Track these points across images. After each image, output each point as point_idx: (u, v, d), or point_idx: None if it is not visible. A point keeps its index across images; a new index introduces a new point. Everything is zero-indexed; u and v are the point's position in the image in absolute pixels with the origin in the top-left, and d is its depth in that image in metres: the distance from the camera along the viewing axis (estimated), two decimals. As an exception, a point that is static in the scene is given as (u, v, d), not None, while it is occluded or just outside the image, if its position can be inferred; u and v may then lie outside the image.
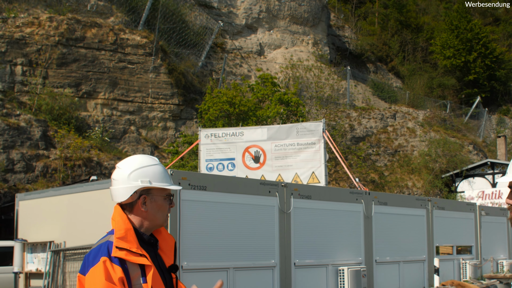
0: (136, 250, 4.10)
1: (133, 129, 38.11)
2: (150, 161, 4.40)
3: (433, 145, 46.55)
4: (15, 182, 29.47)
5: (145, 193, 4.31)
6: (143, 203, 4.30)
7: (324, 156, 27.20)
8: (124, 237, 4.15)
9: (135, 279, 4.07)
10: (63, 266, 17.55)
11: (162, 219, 4.34)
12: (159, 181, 4.31)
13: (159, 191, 4.32)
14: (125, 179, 4.36)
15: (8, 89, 33.91)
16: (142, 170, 4.33)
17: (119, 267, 4.04)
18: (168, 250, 4.52)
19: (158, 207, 4.31)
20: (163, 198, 4.33)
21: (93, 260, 4.09)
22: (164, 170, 4.42)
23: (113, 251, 4.09)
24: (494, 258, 28.41)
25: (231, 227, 17.39)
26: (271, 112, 36.52)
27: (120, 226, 4.22)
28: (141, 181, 4.30)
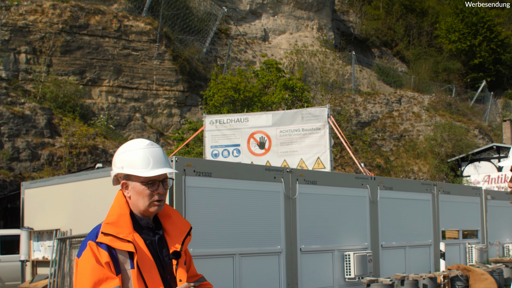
0: (124, 236, 4.09)
1: (138, 116, 38.09)
2: (133, 146, 4.37)
3: (439, 129, 46.44)
4: (21, 170, 29.50)
5: (126, 178, 4.30)
6: (125, 188, 4.30)
7: (329, 142, 27.16)
8: (115, 222, 4.16)
9: (123, 264, 4.08)
10: (69, 254, 17.58)
11: (143, 205, 4.27)
12: (133, 167, 4.25)
13: (135, 177, 4.28)
14: (112, 165, 4.39)
15: (13, 77, 33.91)
16: (121, 156, 4.32)
17: (106, 251, 4.06)
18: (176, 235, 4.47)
19: (137, 193, 4.27)
20: (140, 183, 4.27)
21: (85, 244, 4.12)
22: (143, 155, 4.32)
23: (99, 236, 4.11)
24: (500, 242, 28.41)
25: (236, 214, 17.39)
26: (276, 97, 36.46)
27: (114, 211, 4.24)
28: (116, 167, 4.31)
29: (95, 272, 3.95)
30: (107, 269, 3.98)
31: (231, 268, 17.09)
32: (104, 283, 3.93)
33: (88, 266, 3.99)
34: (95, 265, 3.98)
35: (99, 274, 3.95)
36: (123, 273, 4.07)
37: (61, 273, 17.45)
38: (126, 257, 4.11)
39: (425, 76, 58.08)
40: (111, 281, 3.96)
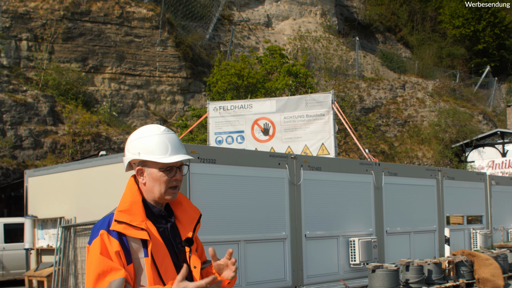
0: (137, 223, 4.04)
1: (141, 103, 38.03)
2: (149, 132, 4.30)
3: (443, 115, 46.37)
4: (24, 158, 29.46)
5: (141, 164, 4.25)
6: (140, 174, 4.25)
7: (333, 128, 27.10)
8: (128, 210, 4.10)
9: (135, 253, 4.03)
10: (74, 241, 17.55)
11: (160, 192, 4.22)
12: (151, 153, 4.20)
13: (153, 163, 4.23)
14: (125, 151, 4.34)
15: (14, 65, 33.85)
16: (136, 142, 4.26)
17: (116, 240, 4.00)
18: (187, 222, 4.45)
19: (154, 179, 4.21)
20: (157, 170, 4.23)
21: (96, 232, 4.08)
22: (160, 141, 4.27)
23: (112, 224, 4.05)
24: (505, 227, 28.39)
25: (241, 200, 17.36)
26: (279, 84, 36.38)
27: (126, 199, 4.18)
28: (132, 153, 4.25)
29: (99, 263, 3.90)
30: (116, 259, 3.93)
31: (236, 255, 17.07)
32: (108, 275, 3.89)
33: (93, 257, 3.96)
34: (99, 257, 3.93)
35: (103, 265, 3.90)
36: (136, 262, 4.03)
37: (66, 261, 17.43)
38: (139, 246, 4.06)
39: (429, 62, 57.94)
40: (115, 272, 3.91)
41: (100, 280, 3.87)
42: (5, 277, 23.28)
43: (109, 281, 3.86)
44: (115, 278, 3.86)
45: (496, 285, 18.92)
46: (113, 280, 3.86)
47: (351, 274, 20.05)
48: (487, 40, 63.14)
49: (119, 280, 3.87)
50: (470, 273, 19.68)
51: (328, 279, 19.20)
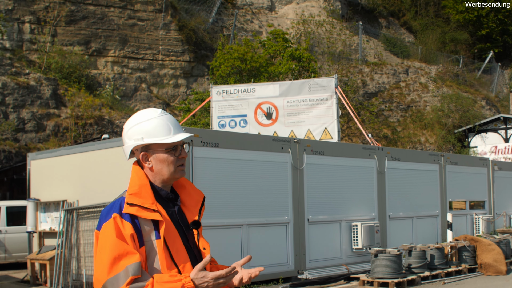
0: (149, 206, 4.03)
1: (144, 86, 37.99)
2: (146, 116, 4.28)
3: (446, 100, 46.30)
4: (26, 141, 29.45)
5: (144, 149, 4.23)
6: (145, 160, 4.23)
7: (336, 112, 27.05)
8: (138, 193, 4.09)
9: (147, 235, 4.01)
10: (76, 224, 17.56)
11: (170, 173, 4.23)
12: (153, 136, 4.19)
13: (157, 145, 4.22)
14: (124, 139, 4.32)
15: (17, 48, 33.78)
16: (136, 128, 4.24)
17: (129, 223, 3.98)
18: (192, 206, 4.44)
19: (161, 161, 4.20)
20: (164, 151, 4.22)
21: (105, 216, 4.05)
22: (161, 123, 4.26)
23: (125, 207, 4.03)
24: (507, 213, 28.41)
25: (244, 184, 17.37)
26: (282, 68, 36.31)
27: (135, 183, 4.16)
28: (134, 140, 4.23)
29: (115, 247, 3.87)
30: (130, 242, 3.91)
31: (239, 239, 17.09)
32: (124, 258, 3.86)
33: (108, 240, 3.92)
34: (114, 240, 3.90)
35: (119, 248, 3.87)
36: (147, 244, 4.00)
37: (68, 244, 17.44)
38: (151, 228, 4.04)
39: (432, 47, 57.81)
40: (131, 256, 3.88)
41: (116, 264, 3.83)
42: (8, 260, 23.31)
43: (126, 265, 3.82)
44: (132, 262, 3.83)
45: (498, 270, 18.93)
46: (130, 264, 3.83)
47: (353, 259, 20.08)
48: (491, 25, 62.95)
49: (136, 264, 3.84)
50: (472, 258, 19.68)
51: (331, 264, 19.23)
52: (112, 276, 3.85)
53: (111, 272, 3.85)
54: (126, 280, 3.81)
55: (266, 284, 17.63)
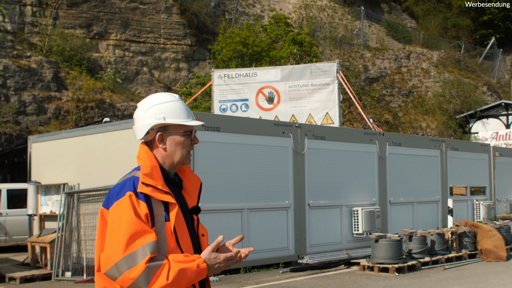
0: (161, 187, 4.03)
1: (145, 70, 37.95)
2: (167, 98, 4.29)
3: (447, 86, 46.25)
4: (27, 124, 29.44)
5: (162, 130, 4.22)
6: (160, 140, 4.22)
7: (338, 97, 27.05)
8: (150, 173, 4.08)
9: (158, 216, 3.99)
10: (77, 208, 17.57)
11: (182, 156, 4.23)
12: (175, 117, 4.19)
13: (176, 127, 4.21)
14: (142, 117, 4.28)
15: (18, 30, 33.73)
16: (158, 107, 4.24)
17: (144, 203, 3.96)
18: (192, 191, 4.42)
19: (177, 143, 4.20)
20: (181, 134, 4.22)
21: (117, 194, 4.00)
22: (182, 106, 4.28)
23: (139, 186, 4.00)
24: (508, 199, 28.44)
25: (245, 168, 17.38)
26: (284, 52, 36.28)
27: (146, 163, 4.15)
28: (155, 118, 4.21)
29: (133, 224, 3.84)
30: (145, 221, 3.89)
31: (240, 223, 17.11)
32: (142, 237, 3.84)
33: (125, 218, 3.87)
34: (132, 217, 3.86)
35: (136, 226, 3.84)
36: (157, 225, 3.99)
37: (69, 227, 17.45)
38: (161, 210, 4.03)
39: (434, 32, 57.69)
40: (148, 235, 3.86)
41: (132, 242, 3.80)
42: (8, 242, 23.33)
43: (142, 243, 3.79)
44: (149, 241, 3.81)
45: (499, 256, 18.94)
46: (148, 243, 3.81)
47: (354, 244, 20.11)
48: (493, 11, 62.81)
49: (153, 243, 3.83)
50: (473, 244, 19.69)
51: (331, 249, 19.26)
52: (127, 254, 3.81)
53: (127, 250, 3.82)
54: (144, 257, 3.78)
55: (266, 269, 17.67)
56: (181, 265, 3.85)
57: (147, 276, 3.78)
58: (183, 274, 3.84)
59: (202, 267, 3.91)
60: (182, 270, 3.83)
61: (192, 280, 3.90)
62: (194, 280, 3.92)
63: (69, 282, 16.60)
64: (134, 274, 3.78)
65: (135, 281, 3.78)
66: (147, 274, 3.78)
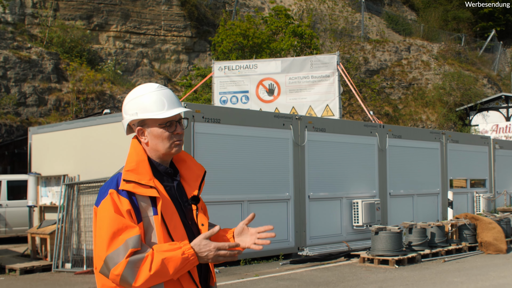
0: (146, 182, 4.01)
1: (145, 62, 37.93)
2: (142, 91, 4.26)
3: (448, 78, 46.21)
4: (28, 115, 29.43)
5: (140, 124, 4.22)
6: (141, 134, 4.22)
7: (338, 89, 27.05)
8: (135, 169, 4.08)
9: (145, 211, 4.00)
10: (77, 199, 17.58)
11: (163, 148, 4.20)
12: (146, 111, 4.17)
13: (152, 120, 4.20)
14: (123, 113, 4.30)
15: (19, 22, 33.68)
16: (132, 102, 4.23)
17: (127, 199, 3.96)
18: (192, 180, 4.40)
19: (156, 136, 4.19)
20: (158, 126, 4.21)
21: (104, 192, 4.03)
22: (156, 98, 4.23)
23: (121, 183, 4.02)
24: (508, 191, 28.45)
25: (245, 160, 17.39)
26: (284, 44, 36.25)
27: (132, 159, 4.15)
28: (129, 115, 4.22)
29: (114, 222, 3.86)
30: (127, 217, 3.90)
31: (240, 215, 17.12)
32: (123, 233, 3.86)
33: (106, 216, 3.91)
34: (113, 215, 3.89)
35: (118, 223, 3.87)
36: (145, 220, 3.99)
37: (69, 218, 17.47)
38: (148, 204, 4.03)
39: (435, 25, 57.65)
40: (130, 230, 3.88)
41: (115, 238, 3.83)
42: (8, 234, 23.34)
43: (125, 239, 3.82)
44: (131, 236, 3.82)
45: (499, 248, 18.97)
46: (130, 238, 3.83)
47: (354, 236, 20.14)
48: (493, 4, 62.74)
49: (135, 237, 3.84)
50: (473, 237, 19.72)
51: (331, 241, 19.28)
52: (112, 251, 3.83)
53: (111, 248, 3.84)
54: (126, 253, 3.80)
55: (266, 261, 17.69)
56: (165, 254, 3.84)
57: (131, 271, 3.80)
58: (166, 263, 3.83)
59: (188, 253, 3.88)
60: (166, 259, 3.83)
61: (180, 268, 3.88)
62: (183, 267, 3.90)
63: (69, 273, 16.62)
64: (118, 270, 3.81)
65: (121, 277, 3.81)
66: (130, 268, 3.80)
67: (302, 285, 13.99)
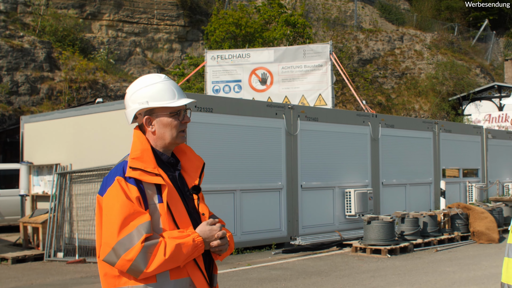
0: (151, 170, 4.05)
1: (138, 50, 37.86)
2: (151, 81, 4.33)
3: (440, 68, 46.24)
4: (20, 104, 29.35)
5: (148, 113, 4.25)
6: (148, 123, 4.24)
7: (331, 78, 27.04)
8: (140, 157, 4.12)
9: (151, 198, 4.03)
10: (69, 188, 17.56)
11: (172, 137, 4.26)
12: (158, 100, 4.22)
13: (162, 109, 4.23)
14: (128, 103, 4.33)
15: (11, 10, 33.56)
16: (141, 91, 4.26)
17: (135, 186, 4.00)
18: (192, 171, 4.45)
19: (164, 125, 4.23)
20: (168, 115, 4.24)
21: (110, 180, 4.05)
22: (166, 87, 4.30)
23: (127, 171, 4.05)
24: (500, 181, 28.49)
25: (237, 150, 17.38)
26: (277, 33, 36.22)
27: (136, 147, 4.18)
28: (139, 103, 4.24)
29: (125, 207, 3.88)
30: (137, 204, 3.92)
31: (232, 204, 17.13)
32: (135, 219, 3.88)
33: (116, 202, 3.93)
34: (124, 200, 3.91)
35: (129, 209, 3.89)
36: (151, 207, 4.02)
37: (61, 207, 17.44)
38: (153, 192, 4.06)
39: (428, 14, 57.65)
40: (142, 216, 3.90)
41: (126, 225, 3.85)
42: (0, 223, 23.31)
43: (137, 225, 3.86)
44: (143, 222, 3.86)
45: (491, 238, 19.01)
46: (142, 224, 3.86)
47: (346, 225, 20.16)
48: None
49: (147, 223, 3.87)
50: (465, 226, 19.75)
51: (324, 230, 19.31)
52: (123, 237, 3.86)
53: (122, 233, 3.87)
54: (139, 238, 3.83)
55: (258, 250, 17.70)
56: (177, 240, 3.90)
57: (144, 256, 3.83)
58: (180, 249, 3.89)
59: (197, 240, 3.97)
60: (178, 245, 3.89)
61: (189, 254, 3.95)
62: (192, 254, 3.96)
63: (61, 262, 16.61)
64: (131, 255, 3.82)
65: (133, 262, 3.82)
66: (144, 253, 3.82)
67: (294, 274, 14.00)
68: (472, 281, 12.89)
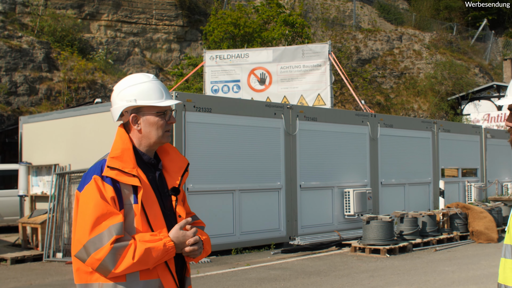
0: (129, 170, 4.07)
1: (137, 51, 37.84)
2: (139, 79, 4.35)
3: (439, 67, 46.24)
4: (19, 105, 29.34)
5: (135, 111, 4.25)
6: (134, 121, 4.25)
7: (330, 78, 27.03)
8: (119, 156, 4.15)
9: (127, 198, 4.05)
10: (68, 188, 17.55)
11: (158, 136, 4.28)
12: (146, 99, 4.24)
13: (149, 108, 4.25)
14: (115, 100, 4.34)
15: (10, 10, 33.54)
16: (129, 89, 4.28)
17: (111, 186, 4.03)
18: (174, 172, 4.45)
19: (151, 124, 4.25)
20: (154, 115, 4.25)
21: (88, 178, 4.08)
22: (155, 87, 4.33)
23: (105, 170, 4.08)
24: (499, 181, 28.49)
25: (236, 150, 17.38)
26: (276, 33, 36.19)
27: (117, 146, 4.20)
28: (127, 101, 4.25)
29: (98, 207, 3.91)
30: (111, 204, 3.96)
31: (231, 204, 17.13)
32: (107, 219, 3.90)
33: (91, 201, 3.96)
34: (98, 200, 3.95)
35: (102, 209, 3.92)
36: (126, 207, 4.05)
37: (60, 208, 17.43)
38: (130, 192, 4.08)
39: (426, 14, 57.65)
40: (114, 216, 3.92)
41: (98, 224, 3.89)
42: (-1, 223, 23.33)
43: (108, 225, 3.89)
44: (115, 223, 3.88)
45: (490, 238, 19.01)
46: (113, 225, 3.89)
47: (345, 225, 20.17)
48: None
49: (119, 224, 3.90)
50: (464, 226, 19.76)
51: (323, 230, 19.31)
52: (94, 236, 3.89)
53: (93, 232, 3.90)
54: (109, 239, 3.86)
55: (258, 250, 17.70)
56: (147, 244, 3.93)
57: (113, 257, 3.87)
58: (149, 253, 3.92)
59: (168, 245, 4.00)
60: (148, 249, 3.92)
61: (159, 258, 3.98)
62: (162, 258, 3.99)
63: (60, 263, 16.60)
64: (100, 255, 3.86)
65: (102, 262, 3.87)
66: (113, 255, 3.86)
67: (293, 274, 14.00)
68: (471, 281, 12.89)
